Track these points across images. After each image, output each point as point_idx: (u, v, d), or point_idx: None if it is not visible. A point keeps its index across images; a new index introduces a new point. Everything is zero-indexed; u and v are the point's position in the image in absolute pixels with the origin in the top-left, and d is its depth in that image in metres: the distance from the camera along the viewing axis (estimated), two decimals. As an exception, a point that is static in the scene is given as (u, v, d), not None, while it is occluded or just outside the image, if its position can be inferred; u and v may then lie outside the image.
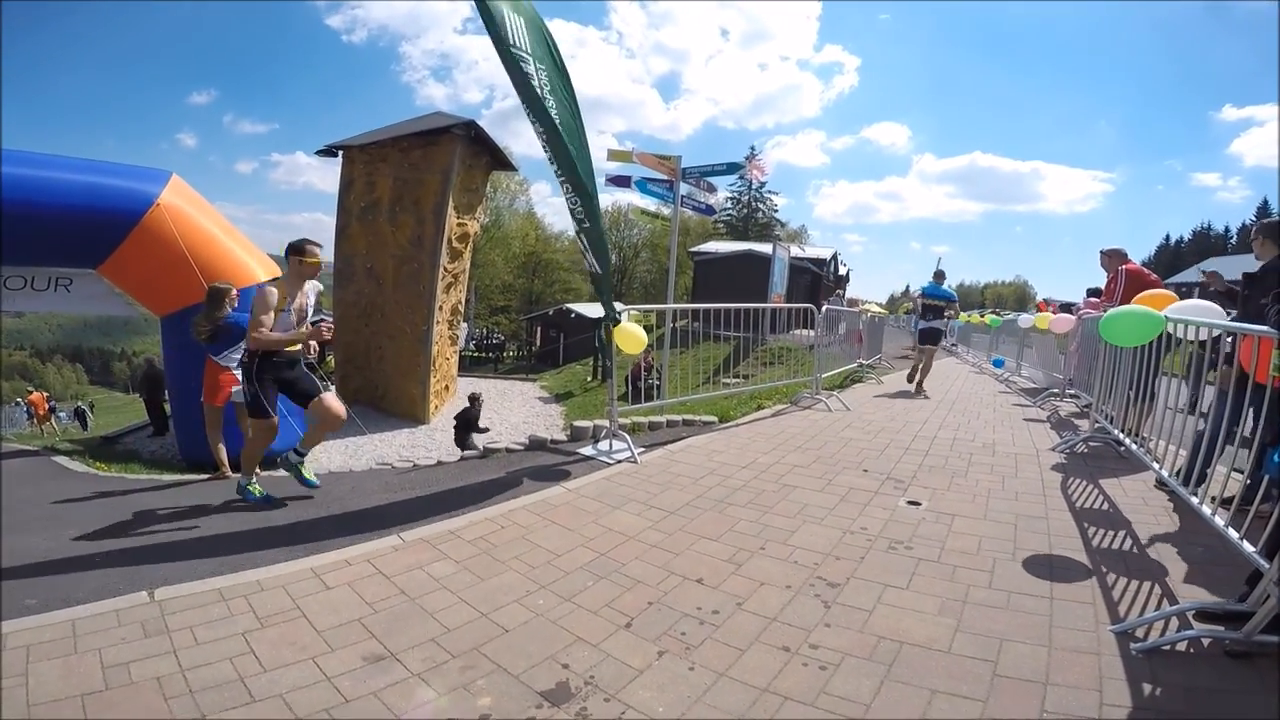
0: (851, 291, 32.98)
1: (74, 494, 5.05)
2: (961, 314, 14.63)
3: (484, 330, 32.16)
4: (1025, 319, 10.12)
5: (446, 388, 11.84)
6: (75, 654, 2.20)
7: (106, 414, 25.57)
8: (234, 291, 5.24)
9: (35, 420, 20.70)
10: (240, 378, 5.18)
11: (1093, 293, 8.07)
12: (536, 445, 5.02)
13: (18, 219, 5.96)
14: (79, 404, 27.21)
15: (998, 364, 10.91)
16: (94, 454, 7.63)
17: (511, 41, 3.99)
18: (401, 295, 10.37)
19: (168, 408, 8.81)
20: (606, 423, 4.87)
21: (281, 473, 4.61)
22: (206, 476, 5.33)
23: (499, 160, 12.34)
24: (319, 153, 11.39)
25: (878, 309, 11.65)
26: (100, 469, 6.43)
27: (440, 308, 10.42)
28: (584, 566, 2.81)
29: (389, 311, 10.57)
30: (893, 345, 16.21)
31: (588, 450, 4.67)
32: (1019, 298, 74.87)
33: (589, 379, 16.24)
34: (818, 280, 26.50)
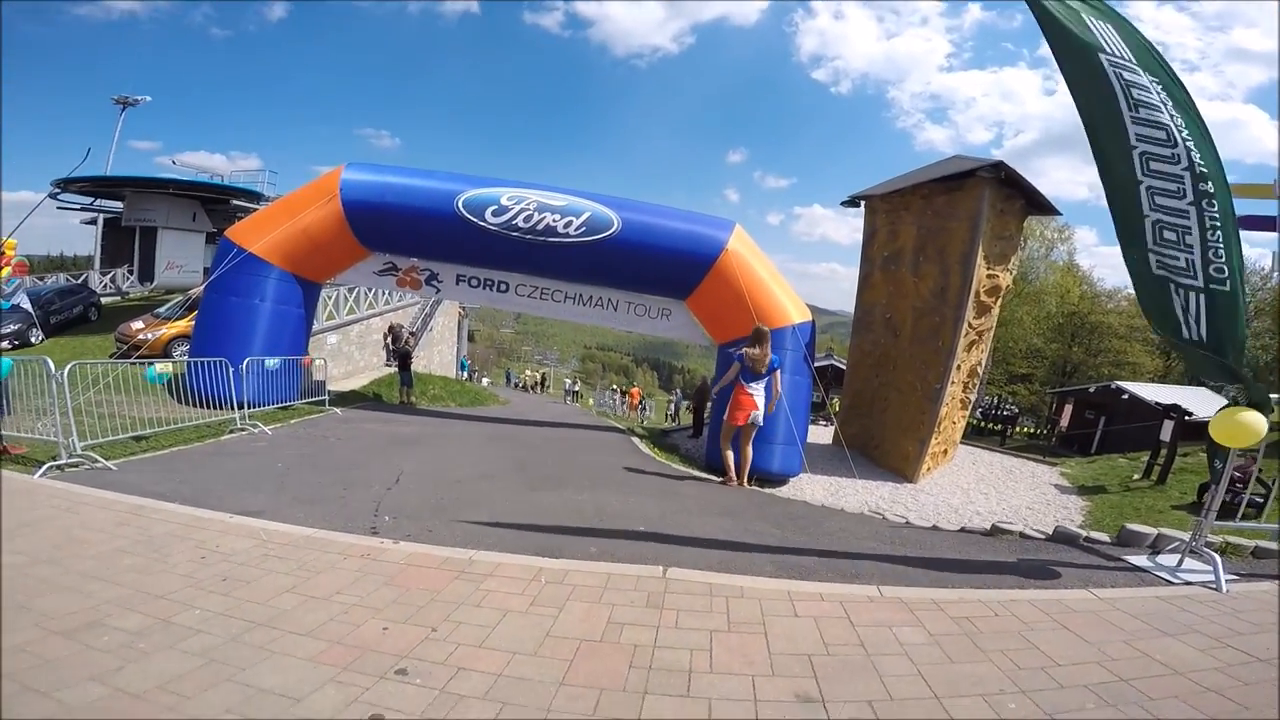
0: None
1: (641, 467, 6.71)
2: None
3: (994, 398, 28.20)
4: None
5: (945, 452, 10.75)
6: (598, 603, 2.71)
7: (656, 412, 33.78)
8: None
9: (628, 407, 28.98)
10: (759, 403, 5.98)
11: None
12: (1063, 538, 4.08)
13: (650, 258, 8.27)
14: (644, 399, 36.82)
15: None
16: (654, 441, 10.01)
17: (1106, 49, 3.21)
18: (917, 349, 9.86)
19: (707, 417, 10.82)
20: (1176, 533, 3.91)
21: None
22: (719, 480, 6.34)
23: (1035, 204, 10.40)
24: (843, 203, 11.68)
25: None
26: (658, 455, 8.34)
27: (958, 367, 9.47)
28: (1090, 686, 2.22)
29: (901, 365, 10.22)
30: None
31: (1139, 560, 3.63)
32: None
33: (1134, 476, 12.18)
34: None
